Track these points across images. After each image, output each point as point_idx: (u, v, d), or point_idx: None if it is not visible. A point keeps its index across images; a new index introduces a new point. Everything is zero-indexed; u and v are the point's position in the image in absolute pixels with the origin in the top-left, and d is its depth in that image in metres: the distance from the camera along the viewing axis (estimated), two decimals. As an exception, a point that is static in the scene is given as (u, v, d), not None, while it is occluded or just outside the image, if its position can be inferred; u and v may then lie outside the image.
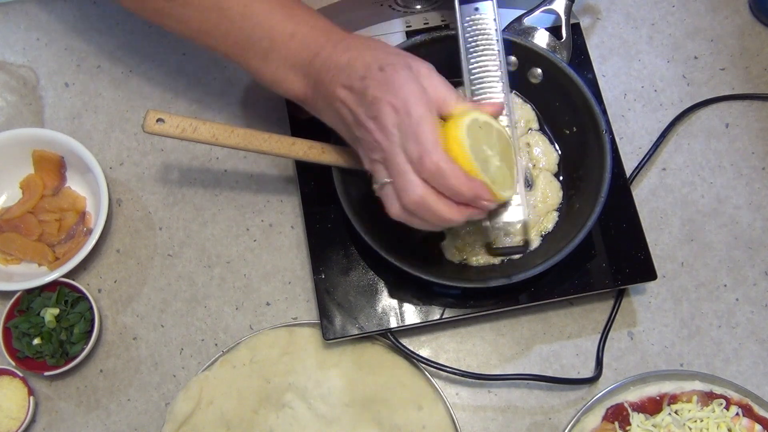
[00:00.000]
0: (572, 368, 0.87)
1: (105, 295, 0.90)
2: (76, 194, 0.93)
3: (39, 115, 0.97)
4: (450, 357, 0.87)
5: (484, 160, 0.70)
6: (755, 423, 0.80)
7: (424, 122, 0.66)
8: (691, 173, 0.94)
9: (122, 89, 0.98)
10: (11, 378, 0.84)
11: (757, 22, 1.01)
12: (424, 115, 0.66)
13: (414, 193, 0.67)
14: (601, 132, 0.82)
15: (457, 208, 0.68)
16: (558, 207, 0.87)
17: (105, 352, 0.88)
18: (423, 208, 0.68)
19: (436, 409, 0.83)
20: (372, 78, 0.68)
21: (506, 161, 0.73)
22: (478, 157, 0.69)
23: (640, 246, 0.85)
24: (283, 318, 0.89)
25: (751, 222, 0.92)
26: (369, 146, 0.70)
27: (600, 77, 0.95)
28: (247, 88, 0.98)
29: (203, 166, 0.95)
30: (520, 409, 0.85)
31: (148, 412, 0.86)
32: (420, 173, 0.67)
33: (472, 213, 0.70)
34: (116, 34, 1.00)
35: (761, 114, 0.97)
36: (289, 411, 0.83)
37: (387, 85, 0.67)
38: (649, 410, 0.82)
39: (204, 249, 0.92)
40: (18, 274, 0.89)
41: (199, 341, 0.88)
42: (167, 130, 0.74)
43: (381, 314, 0.83)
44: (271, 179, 0.94)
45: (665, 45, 1.00)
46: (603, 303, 0.89)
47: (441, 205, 0.68)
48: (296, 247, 0.91)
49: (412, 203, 0.68)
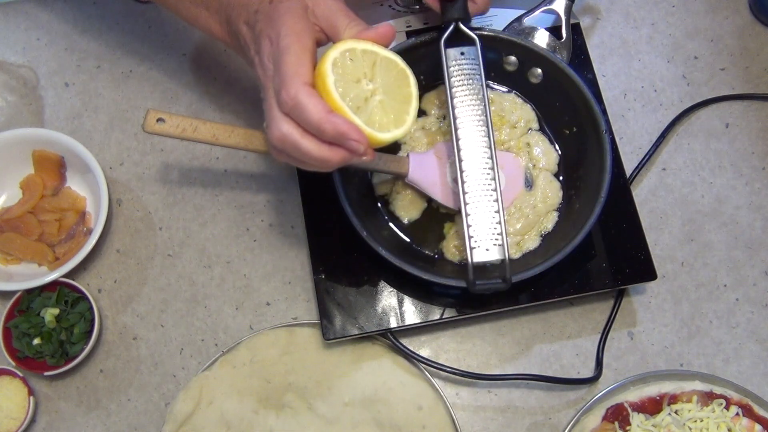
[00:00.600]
0: (572, 368, 0.87)
1: (105, 295, 0.90)
2: (76, 194, 0.93)
3: (39, 115, 0.97)
4: (450, 357, 0.87)
5: (360, 95, 0.65)
6: (755, 423, 0.80)
7: (286, 53, 0.63)
8: (691, 173, 0.94)
9: (122, 89, 0.98)
10: (11, 378, 0.84)
11: (757, 22, 1.01)
12: (289, 45, 0.63)
13: (276, 129, 0.64)
14: (601, 132, 0.82)
15: (328, 148, 0.64)
16: (558, 207, 0.87)
17: (105, 352, 0.88)
18: (288, 145, 0.64)
19: (436, 409, 0.83)
20: (261, 11, 0.66)
21: (395, 96, 0.68)
22: (348, 92, 0.64)
23: (640, 246, 0.85)
24: (283, 318, 0.89)
25: (751, 222, 0.92)
26: (259, 84, 0.67)
27: (600, 77, 0.95)
28: (246, 88, 0.98)
29: (203, 166, 0.95)
30: (520, 409, 0.85)
31: (148, 412, 0.86)
32: (280, 107, 0.63)
33: (345, 155, 0.65)
34: (116, 34, 1.00)
35: (761, 114, 0.97)
36: (289, 411, 0.83)
37: (270, 17, 0.65)
38: (649, 410, 0.82)
39: (204, 249, 0.92)
40: (18, 274, 0.89)
41: (199, 341, 0.88)
42: (167, 129, 0.74)
43: (381, 314, 0.83)
44: (271, 179, 0.94)
45: (665, 45, 1.00)
46: (603, 303, 0.89)
47: (306, 143, 0.64)
48: (296, 247, 0.91)
49: (276, 140, 0.64)
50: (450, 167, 0.86)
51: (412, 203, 0.87)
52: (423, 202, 0.88)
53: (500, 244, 0.76)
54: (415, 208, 0.87)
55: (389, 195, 0.88)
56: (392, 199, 0.88)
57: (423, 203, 0.88)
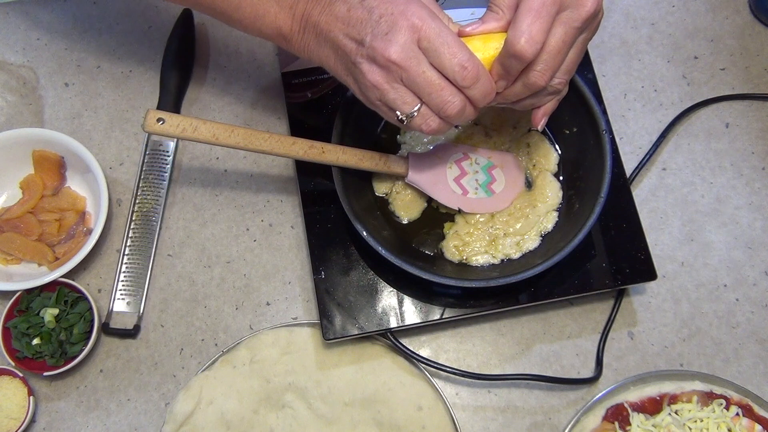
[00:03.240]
0: (572, 368, 0.87)
1: (105, 295, 0.90)
2: (76, 194, 0.93)
3: (39, 115, 0.97)
4: (450, 357, 0.87)
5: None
6: (755, 423, 0.80)
7: (447, 32, 0.65)
8: (691, 173, 0.94)
9: (122, 89, 0.98)
10: (11, 378, 0.84)
11: (757, 22, 1.01)
12: (445, 30, 0.65)
13: (455, 104, 0.67)
14: (601, 132, 0.82)
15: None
16: (558, 207, 0.87)
17: (105, 352, 0.88)
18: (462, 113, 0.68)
19: (436, 409, 0.83)
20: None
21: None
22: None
23: (640, 246, 0.85)
24: (283, 318, 0.89)
25: (751, 222, 0.92)
26: (378, 74, 0.67)
27: (600, 77, 0.95)
28: (248, 89, 0.98)
29: (203, 166, 0.95)
30: (520, 409, 0.85)
31: (148, 412, 0.86)
32: (462, 81, 0.65)
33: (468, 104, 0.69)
34: (116, 34, 1.00)
35: (761, 114, 0.97)
36: (289, 411, 0.83)
37: (392, 1, 0.65)
38: (649, 410, 0.82)
39: (204, 249, 0.92)
40: (18, 274, 0.89)
41: (199, 341, 0.88)
42: (167, 129, 0.74)
43: (381, 314, 0.83)
44: (271, 179, 0.94)
45: (665, 45, 1.00)
46: (603, 303, 0.89)
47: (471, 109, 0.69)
48: (296, 247, 0.91)
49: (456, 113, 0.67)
50: (450, 167, 0.86)
51: (412, 203, 0.87)
52: (423, 202, 0.88)
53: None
54: (415, 208, 0.87)
55: (389, 195, 0.88)
56: (392, 199, 0.88)
57: (423, 203, 0.88)
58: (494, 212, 0.86)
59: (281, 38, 0.73)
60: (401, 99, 0.67)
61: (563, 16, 0.67)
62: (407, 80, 0.66)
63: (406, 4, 0.65)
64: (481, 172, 0.87)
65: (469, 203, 0.86)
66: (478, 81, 0.66)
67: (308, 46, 0.72)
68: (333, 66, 0.71)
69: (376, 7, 0.65)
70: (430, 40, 0.65)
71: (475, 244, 0.85)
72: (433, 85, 0.66)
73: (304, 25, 0.70)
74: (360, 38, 0.66)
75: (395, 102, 0.67)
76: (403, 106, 0.68)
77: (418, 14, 0.65)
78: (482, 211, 0.86)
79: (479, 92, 0.67)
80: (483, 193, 0.86)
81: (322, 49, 0.70)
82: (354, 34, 0.66)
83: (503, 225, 0.86)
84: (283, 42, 0.74)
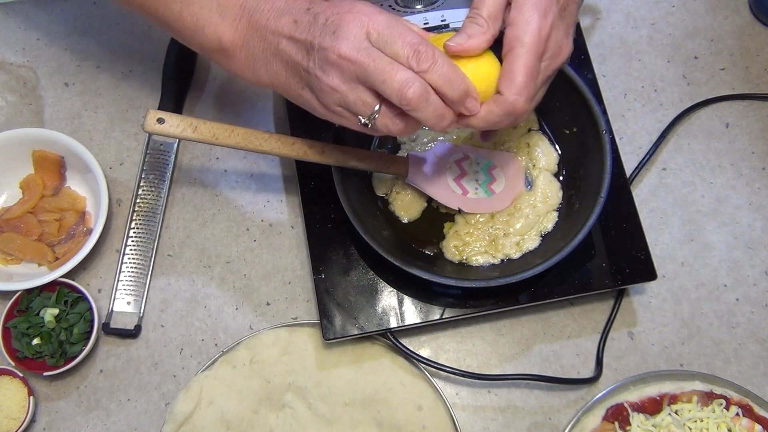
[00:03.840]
0: (572, 368, 0.87)
1: (105, 295, 0.90)
2: (76, 194, 0.93)
3: (39, 115, 0.97)
4: (450, 357, 0.87)
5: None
6: (755, 423, 0.80)
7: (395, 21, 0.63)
8: (691, 173, 0.94)
9: (122, 89, 0.98)
10: (11, 378, 0.84)
11: (757, 22, 1.01)
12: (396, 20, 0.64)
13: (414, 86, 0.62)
14: (601, 132, 0.82)
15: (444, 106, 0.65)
16: (558, 207, 0.87)
17: (105, 352, 0.88)
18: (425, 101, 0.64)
19: (436, 409, 0.83)
20: (318, 3, 0.65)
21: None
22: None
23: (640, 246, 0.85)
24: (283, 318, 0.89)
25: (751, 222, 0.92)
26: (333, 74, 0.64)
27: (600, 77, 0.95)
28: (247, 89, 0.98)
29: (203, 166, 0.95)
30: (520, 409, 0.85)
31: (148, 412, 0.86)
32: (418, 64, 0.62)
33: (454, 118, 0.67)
34: (116, 34, 1.00)
35: (761, 114, 0.97)
36: (289, 411, 0.83)
37: (337, 5, 0.64)
38: (649, 410, 0.82)
39: (204, 249, 0.92)
40: (18, 274, 0.89)
41: (199, 341, 0.88)
42: (167, 129, 0.74)
43: (381, 314, 0.83)
44: (271, 179, 0.94)
45: (665, 45, 1.00)
46: (603, 303, 0.89)
47: (436, 99, 0.65)
48: (296, 247, 0.91)
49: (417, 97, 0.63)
50: (450, 167, 0.86)
51: (412, 203, 0.87)
52: (423, 202, 0.88)
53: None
54: (415, 208, 0.87)
55: (389, 195, 0.88)
56: (392, 199, 0.88)
57: (423, 203, 0.88)
58: (494, 212, 0.86)
59: (222, 53, 0.71)
60: (361, 100, 0.64)
61: (543, 66, 0.69)
62: (362, 76, 0.63)
63: (351, 4, 0.64)
64: (481, 172, 0.87)
65: (469, 203, 0.86)
66: (436, 63, 0.63)
67: (253, 63, 0.69)
68: (284, 81, 0.68)
69: (321, 12, 0.64)
70: (379, 32, 0.63)
71: (475, 244, 0.85)
72: (385, 71, 0.62)
73: (249, 39, 0.68)
74: (309, 44, 0.64)
75: (356, 104, 0.64)
76: (364, 108, 0.65)
77: (364, 11, 0.63)
78: (482, 211, 0.86)
79: (440, 76, 0.63)
80: (483, 193, 0.86)
81: (270, 66, 0.68)
82: (302, 42, 0.65)
83: (503, 225, 0.86)
84: (223, 58, 0.71)
